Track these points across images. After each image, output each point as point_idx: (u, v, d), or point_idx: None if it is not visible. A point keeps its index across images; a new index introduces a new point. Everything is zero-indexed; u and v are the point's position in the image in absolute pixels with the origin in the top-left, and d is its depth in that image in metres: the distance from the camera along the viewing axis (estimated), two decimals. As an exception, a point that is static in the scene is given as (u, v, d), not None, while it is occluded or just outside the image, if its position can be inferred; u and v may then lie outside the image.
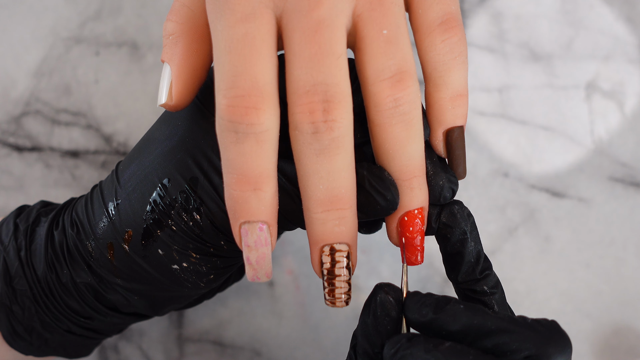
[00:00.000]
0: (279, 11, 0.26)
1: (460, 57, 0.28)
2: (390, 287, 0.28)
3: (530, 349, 0.26)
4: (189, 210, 0.29)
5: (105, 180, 0.32)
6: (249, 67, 0.25)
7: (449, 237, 0.29)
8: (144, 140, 0.31)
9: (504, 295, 0.30)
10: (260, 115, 0.25)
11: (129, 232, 0.30)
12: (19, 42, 0.45)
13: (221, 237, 0.30)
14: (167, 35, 0.29)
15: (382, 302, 0.27)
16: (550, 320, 0.27)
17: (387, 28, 0.26)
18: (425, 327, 0.27)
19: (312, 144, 0.26)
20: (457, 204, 0.29)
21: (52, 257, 0.32)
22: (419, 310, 0.27)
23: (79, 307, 0.33)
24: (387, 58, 0.26)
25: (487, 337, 0.26)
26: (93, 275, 0.32)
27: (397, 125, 0.27)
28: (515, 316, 0.27)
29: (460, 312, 0.26)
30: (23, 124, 0.45)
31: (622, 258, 0.44)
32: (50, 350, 0.35)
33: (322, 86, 0.25)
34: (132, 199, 0.30)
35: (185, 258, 0.30)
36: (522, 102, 0.46)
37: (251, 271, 0.28)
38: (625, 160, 0.45)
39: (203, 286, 0.32)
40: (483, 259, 0.29)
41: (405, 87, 0.26)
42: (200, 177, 0.29)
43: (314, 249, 0.28)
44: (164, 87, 0.28)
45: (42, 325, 0.33)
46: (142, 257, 0.30)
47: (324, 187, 0.26)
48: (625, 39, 0.46)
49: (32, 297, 0.32)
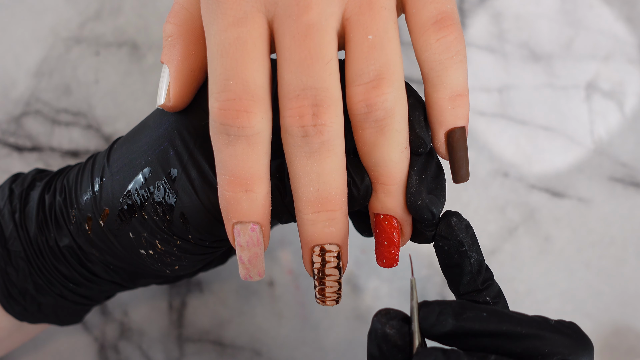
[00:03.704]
0: (271, 15, 0.26)
1: (458, 56, 0.27)
2: (388, 315, 0.27)
3: (563, 352, 0.26)
4: (161, 203, 0.29)
5: (99, 154, 0.33)
6: (240, 71, 0.26)
7: (446, 249, 0.29)
8: (139, 124, 0.32)
9: (506, 304, 0.29)
10: (252, 118, 0.26)
11: (106, 211, 0.31)
12: (19, 42, 0.45)
13: (191, 232, 0.30)
14: (166, 37, 0.29)
15: (384, 335, 0.27)
16: (570, 322, 0.27)
17: (373, 33, 0.26)
18: (448, 337, 0.26)
19: (303, 147, 0.26)
20: (455, 216, 0.29)
21: (42, 220, 0.33)
22: (438, 319, 0.26)
23: (67, 272, 0.33)
24: (368, 63, 0.26)
25: (516, 341, 0.26)
26: (74, 241, 0.32)
27: (367, 130, 0.27)
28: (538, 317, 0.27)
29: (484, 318, 0.26)
30: (23, 124, 0.45)
31: (622, 258, 0.44)
32: (43, 316, 0.35)
33: (311, 90, 0.25)
34: (114, 181, 0.31)
35: (152, 247, 0.31)
36: (522, 102, 0.46)
37: (244, 270, 0.29)
38: (625, 160, 0.45)
39: (169, 273, 0.32)
40: (485, 269, 0.29)
41: (380, 93, 0.26)
42: (179, 169, 0.29)
43: (305, 249, 0.28)
44: (162, 88, 0.29)
45: (35, 288, 0.34)
46: (115, 235, 0.31)
47: (314, 189, 0.27)
48: (625, 39, 0.46)
49: (25, 258, 0.33)
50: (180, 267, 0.32)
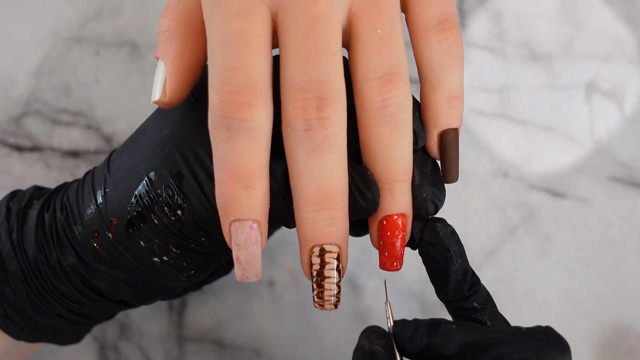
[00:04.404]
0: (275, 7, 0.26)
1: (457, 58, 0.28)
2: (377, 332, 0.27)
3: (531, 357, 0.25)
4: (171, 205, 0.29)
5: (98, 167, 0.32)
6: (243, 63, 0.25)
7: (432, 254, 0.29)
8: (137, 131, 0.31)
9: (495, 309, 0.29)
10: (254, 112, 0.25)
11: (114, 222, 0.30)
12: (19, 42, 0.45)
13: (202, 234, 0.29)
14: (162, 31, 0.28)
15: (371, 352, 0.27)
16: (545, 326, 0.27)
17: (382, 27, 0.26)
18: (421, 355, 0.27)
19: (305, 142, 0.26)
20: (440, 222, 0.29)
21: (41, 240, 0.32)
22: (412, 338, 0.27)
23: (68, 291, 0.33)
24: (379, 57, 0.26)
25: (485, 352, 0.26)
26: (79, 259, 0.32)
27: (383, 127, 0.26)
28: (509, 327, 0.27)
29: (454, 332, 0.26)
30: (23, 124, 0.45)
31: (622, 258, 0.44)
32: (41, 335, 0.35)
33: (316, 83, 0.25)
34: (119, 190, 0.30)
35: (166, 252, 0.30)
36: (522, 102, 0.46)
37: (240, 270, 0.27)
38: (625, 160, 0.45)
39: (184, 280, 0.32)
40: (470, 275, 0.29)
41: (394, 88, 0.26)
42: (185, 172, 0.29)
43: (303, 250, 0.28)
44: (158, 83, 0.28)
45: (32, 308, 0.33)
46: (125, 246, 0.30)
47: (315, 186, 0.26)
48: (625, 39, 0.46)
49: (22, 278, 0.32)
50: (195, 272, 0.31)
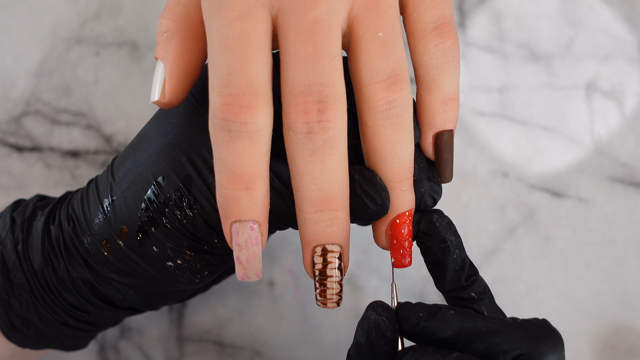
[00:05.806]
0: (275, 10, 0.26)
1: (453, 61, 0.28)
2: (383, 306, 0.28)
3: (522, 347, 0.26)
4: (182, 208, 0.29)
5: (100, 175, 0.32)
6: (243, 66, 0.25)
7: (429, 245, 0.29)
8: (139, 137, 0.31)
9: (493, 300, 0.30)
10: (254, 114, 0.25)
11: (124, 229, 0.30)
12: (19, 42, 0.45)
13: (214, 235, 0.30)
14: (162, 32, 0.29)
15: (376, 323, 0.27)
16: (541, 319, 0.27)
17: (382, 30, 0.26)
18: (419, 336, 0.27)
19: (306, 144, 0.26)
20: (437, 213, 0.29)
21: (48, 251, 0.32)
22: (412, 319, 0.27)
23: (76, 301, 0.33)
24: (381, 60, 0.26)
25: (478, 339, 0.26)
26: (89, 269, 0.32)
27: (390, 128, 0.27)
28: (505, 318, 0.27)
29: (450, 317, 0.27)
30: (23, 124, 0.45)
31: (622, 258, 0.44)
32: (46, 343, 0.35)
33: (317, 86, 0.25)
34: (127, 196, 0.30)
35: (180, 255, 0.30)
36: (522, 102, 0.46)
37: (241, 270, 0.28)
38: (625, 160, 0.45)
39: (197, 282, 0.32)
40: (468, 265, 0.29)
41: (398, 89, 0.26)
42: (194, 175, 0.29)
43: (305, 250, 0.28)
44: (157, 84, 0.28)
45: (39, 318, 0.33)
46: (137, 253, 0.30)
47: (316, 187, 0.27)
48: (625, 39, 0.46)
49: (29, 290, 0.33)
50: (209, 272, 0.32)
